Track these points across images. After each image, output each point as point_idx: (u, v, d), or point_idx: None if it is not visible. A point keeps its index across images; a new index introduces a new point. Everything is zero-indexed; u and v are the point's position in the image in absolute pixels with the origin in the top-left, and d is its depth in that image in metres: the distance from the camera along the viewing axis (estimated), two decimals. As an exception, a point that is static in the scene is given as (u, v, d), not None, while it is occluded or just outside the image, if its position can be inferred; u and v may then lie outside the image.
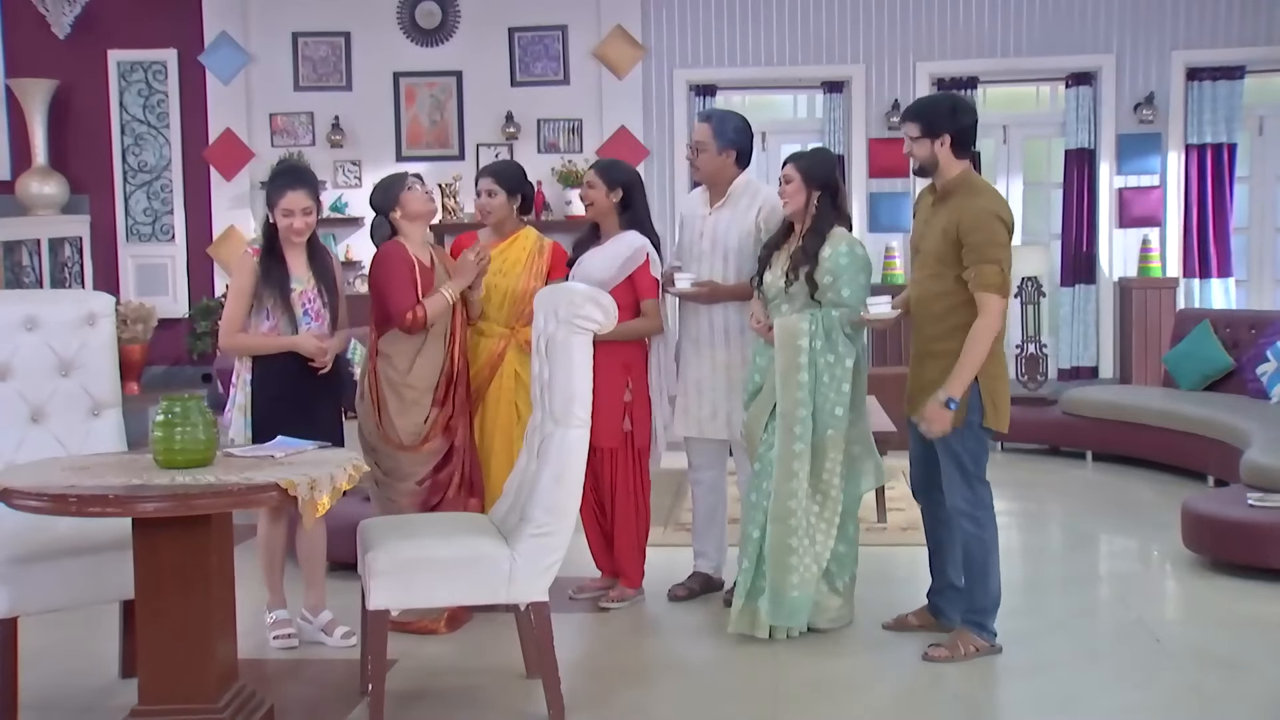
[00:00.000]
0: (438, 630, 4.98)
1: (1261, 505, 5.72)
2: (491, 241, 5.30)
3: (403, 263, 4.92)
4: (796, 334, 4.79)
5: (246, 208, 10.32)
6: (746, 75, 10.16)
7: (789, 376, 4.80)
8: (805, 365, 4.79)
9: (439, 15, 10.28)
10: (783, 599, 4.80)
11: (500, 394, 5.23)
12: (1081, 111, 9.86)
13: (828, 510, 4.86)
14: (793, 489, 4.79)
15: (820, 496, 4.84)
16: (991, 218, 4.53)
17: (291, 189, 4.82)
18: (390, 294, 4.90)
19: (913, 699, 4.43)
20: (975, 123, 4.70)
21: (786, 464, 4.79)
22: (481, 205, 5.35)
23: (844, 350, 4.82)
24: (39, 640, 4.71)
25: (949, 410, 4.52)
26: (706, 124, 5.33)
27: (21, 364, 4.53)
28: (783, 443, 4.80)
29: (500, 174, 5.35)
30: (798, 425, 4.79)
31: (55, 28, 10.35)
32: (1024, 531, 6.68)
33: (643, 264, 5.24)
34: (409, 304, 4.88)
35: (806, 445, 4.80)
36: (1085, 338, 10.01)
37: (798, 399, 4.79)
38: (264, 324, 4.82)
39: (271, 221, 4.85)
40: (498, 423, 5.22)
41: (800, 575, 4.80)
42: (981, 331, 4.51)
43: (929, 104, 4.87)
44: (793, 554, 4.79)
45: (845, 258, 4.85)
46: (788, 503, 4.79)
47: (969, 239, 4.52)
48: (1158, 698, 4.34)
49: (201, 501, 3.56)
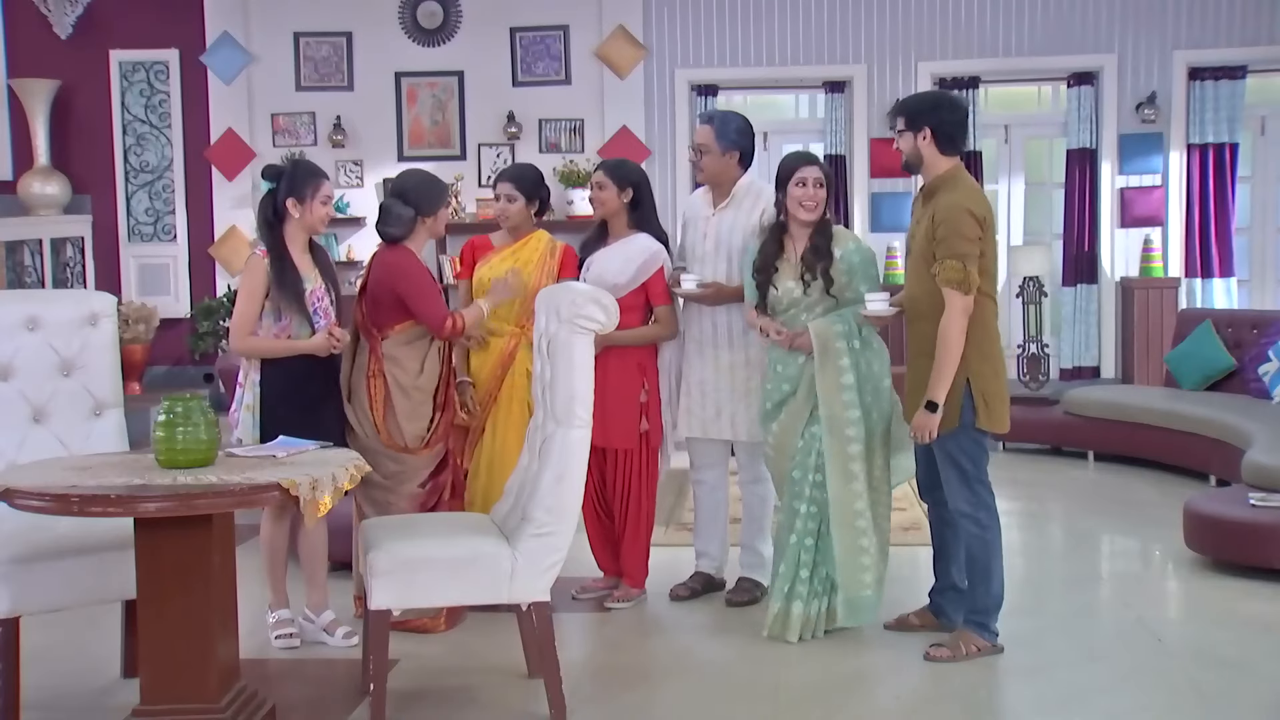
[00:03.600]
0: (436, 628, 4.99)
1: (1263, 505, 5.72)
2: (505, 244, 5.35)
3: (426, 271, 4.94)
4: (833, 336, 4.80)
5: (248, 208, 10.30)
6: (748, 75, 10.16)
7: (832, 380, 4.79)
8: (848, 367, 4.80)
9: (440, 15, 10.29)
10: (859, 599, 4.84)
11: (513, 392, 5.25)
12: (1083, 111, 9.86)
13: (883, 506, 4.92)
14: (857, 490, 4.80)
15: (874, 494, 4.88)
16: (961, 212, 4.49)
17: (325, 177, 4.90)
18: (424, 302, 4.85)
19: (914, 698, 4.42)
20: (961, 120, 4.66)
21: (843, 466, 4.79)
22: (501, 210, 5.34)
23: (878, 346, 4.89)
24: (41, 640, 4.72)
25: (931, 414, 4.51)
26: (708, 126, 5.33)
27: (23, 364, 4.53)
28: (834, 446, 4.79)
29: (520, 179, 5.36)
30: (850, 428, 4.79)
31: (57, 28, 10.37)
32: (1025, 531, 6.68)
33: (658, 270, 5.26)
34: (445, 312, 4.87)
35: (862, 444, 4.81)
36: (1087, 338, 10.01)
37: (844, 401, 4.79)
38: (275, 325, 4.82)
39: (279, 217, 4.82)
40: (510, 420, 5.23)
41: (873, 574, 4.85)
42: (945, 330, 4.47)
43: (914, 98, 4.89)
44: (864, 554, 4.82)
45: (856, 255, 4.89)
46: (854, 505, 4.80)
47: (938, 233, 4.50)
48: (1159, 697, 4.34)
49: (203, 501, 3.57)
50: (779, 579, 4.91)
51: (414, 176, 5.07)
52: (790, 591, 4.87)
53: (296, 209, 4.82)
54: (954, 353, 4.48)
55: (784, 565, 4.90)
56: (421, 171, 5.16)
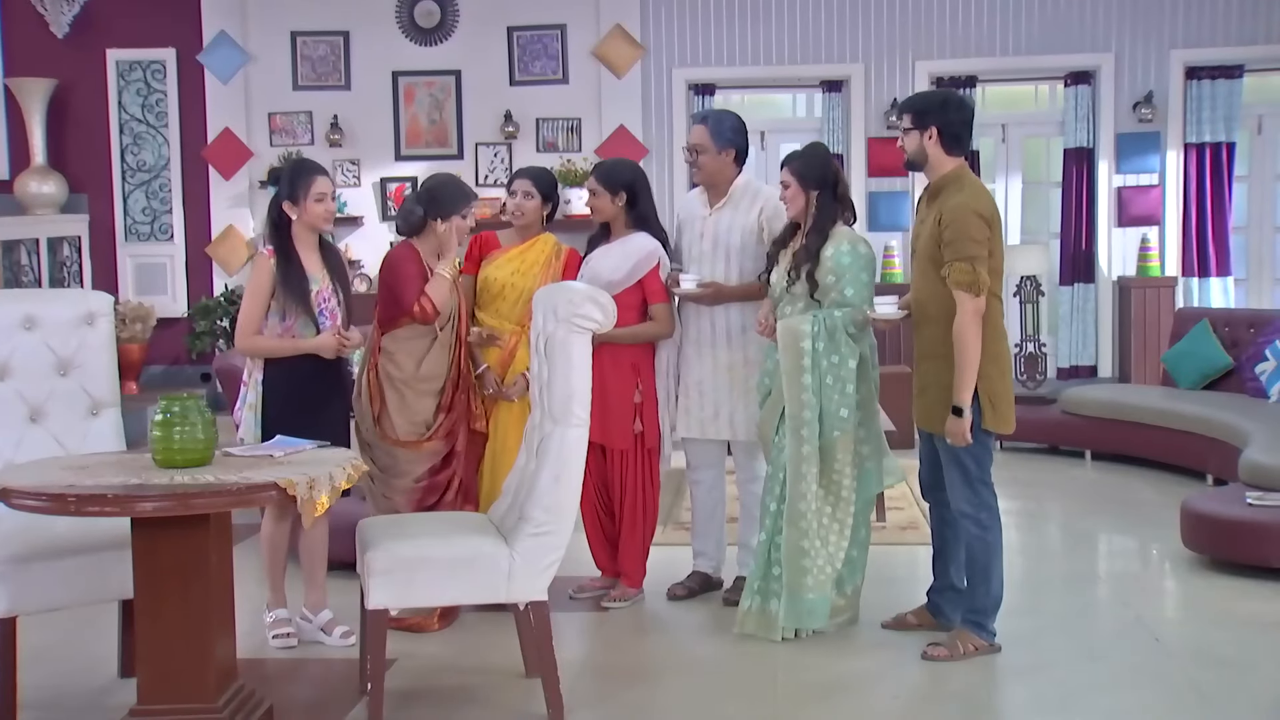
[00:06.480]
0: (430, 627, 4.99)
1: (1260, 504, 5.73)
2: (513, 243, 5.36)
3: (415, 262, 4.98)
4: (799, 336, 4.78)
5: (245, 207, 10.32)
6: (745, 74, 10.16)
7: (793, 379, 4.79)
8: (809, 367, 4.77)
9: (438, 14, 10.28)
10: (799, 601, 4.80)
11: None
12: (1080, 110, 9.86)
13: (840, 511, 4.85)
14: (803, 491, 4.78)
15: (831, 498, 4.84)
16: (969, 214, 4.50)
17: (319, 174, 4.90)
18: (401, 289, 4.94)
19: (913, 698, 4.42)
20: (968, 120, 4.66)
21: (796, 466, 4.78)
22: (517, 206, 5.33)
23: (847, 351, 4.79)
24: (38, 639, 4.71)
25: (961, 418, 4.50)
26: (703, 125, 5.33)
27: (20, 363, 4.53)
28: (791, 445, 4.79)
29: (539, 178, 5.37)
30: (804, 428, 4.78)
31: (54, 27, 10.35)
32: (1023, 531, 6.67)
33: (653, 268, 5.25)
34: (413, 298, 4.91)
35: (814, 447, 4.78)
36: (1084, 337, 10.01)
37: (802, 401, 4.78)
38: (279, 324, 4.83)
39: (286, 218, 4.84)
40: (511, 418, 5.23)
41: (815, 577, 4.80)
42: (960, 333, 4.48)
43: (922, 96, 4.90)
44: (806, 556, 4.78)
45: (847, 256, 4.83)
46: (799, 505, 4.78)
47: (945, 235, 4.50)
48: (1157, 697, 4.34)
49: (200, 501, 3.56)
50: (750, 576, 4.94)
51: (440, 179, 5.18)
52: (759, 589, 4.87)
53: (293, 210, 4.84)
54: (972, 355, 4.48)
55: (754, 563, 4.93)
56: (450, 177, 5.25)
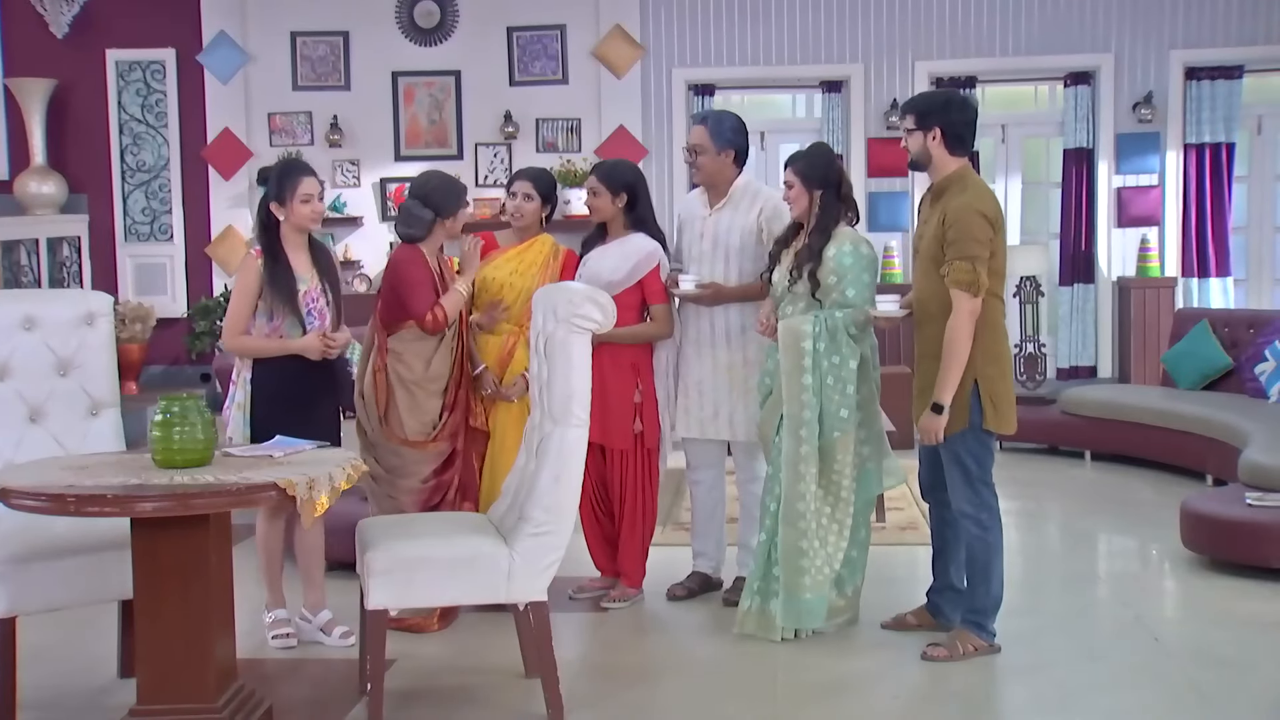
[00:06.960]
0: (429, 627, 4.99)
1: (1260, 504, 5.73)
2: (511, 244, 5.35)
3: (424, 266, 4.97)
4: (800, 336, 4.77)
5: (245, 207, 10.30)
6: (745, 75, 10.16)
7: (793, 379, 4.78)
8: (809, 368, 4.76)
9: (438, 14, 10.28)
10: (796, 601, 4.79)
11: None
12: (1080, 111, 9.86)
13: (839, 512, 4.85)
14: (801, 491, 4.78)
15: (831, 499, 4.84)
16: (972, 213, 4.50)
17: (305, 175, 4.89)
18: (412, 295, 4.92)
19: (913, 698, 4.42)
20: (971, 120, 4.66)
21: (794, 466, 4.78)
22: (517, 207, 5.33)
23: (848, 352, 4.78)
24: (38, 639, 4.72)
25: (938, 416, 4.50)
26: (702, 126, 5.33)
27: (20, 364, 4.53)
28: (790, 445, 4.79)
29: (539, 180, 5.38)
30: (803, 428, 4.77)
31: (53, 27, 10.35)
32: (1023, 531, 6.67)
33: (653, 268, 5.25)
34: (426, 307, 4.90)
35: (813, 447, 4.78)
36: (1084, 337, 10.00)
37: (802, 401, 4.77)
38: (267, 324, 4.82)
39: (275, 219, 4.85)
40: (510, 418, 5.22)
41: (813, 577, 4.79)
42: (953, 331, 4.47)
43: (925, 96, 4.90)
44: (804, 556, 4.78)
45: (849, 257, 4.83)
46: (797, 505, 4.78)
47: (948, 234, 4.50)
48: (1156, 697, 4.34)
49: (200, 501, 3.56)
50: (750, 576, 4.94)
51: (434, 178, 5.11)
52: (759, 589, 4.87)
53: (280, 211, 4.85)
54: (960, 355, 4.47)
55: (754, 563, 4.93)
56: (441, 173, 5.21)
